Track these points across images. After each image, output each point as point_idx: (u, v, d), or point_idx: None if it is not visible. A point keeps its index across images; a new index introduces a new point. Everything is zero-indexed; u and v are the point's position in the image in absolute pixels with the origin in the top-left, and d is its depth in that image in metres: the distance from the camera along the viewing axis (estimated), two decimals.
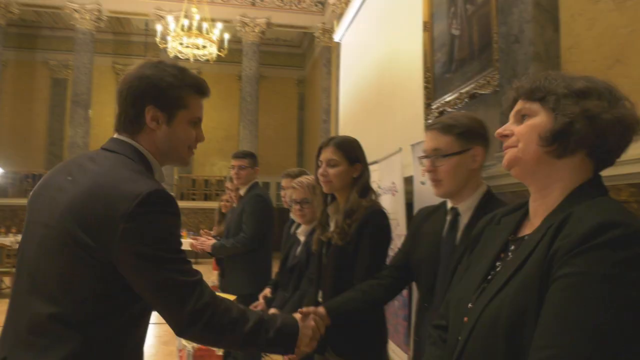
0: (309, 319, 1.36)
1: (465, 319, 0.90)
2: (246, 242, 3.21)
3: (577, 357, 0.70)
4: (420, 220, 1.61)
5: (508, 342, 0.79)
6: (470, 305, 0.92)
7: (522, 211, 0.98)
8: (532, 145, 0.88)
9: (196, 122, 1.21)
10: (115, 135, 1.18)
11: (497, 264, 0.94)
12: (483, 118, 3.69)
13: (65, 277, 1.02)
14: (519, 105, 0.93)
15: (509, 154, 0.92)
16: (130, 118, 1.15)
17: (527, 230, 0.93)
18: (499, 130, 0.95)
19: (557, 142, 0.85)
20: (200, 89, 1.21)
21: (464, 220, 1.42)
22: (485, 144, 1.45)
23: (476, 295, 0.92)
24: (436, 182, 1.43)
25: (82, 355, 1.01)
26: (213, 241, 3.42)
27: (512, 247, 0.93)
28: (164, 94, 1.14)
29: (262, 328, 1.16)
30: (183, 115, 1.17)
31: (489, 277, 0.92)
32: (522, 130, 0.90)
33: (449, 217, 1.46)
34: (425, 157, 1.45)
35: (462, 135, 1.39)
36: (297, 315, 1.32)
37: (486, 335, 0.83)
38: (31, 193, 1.18)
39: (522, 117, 0.92)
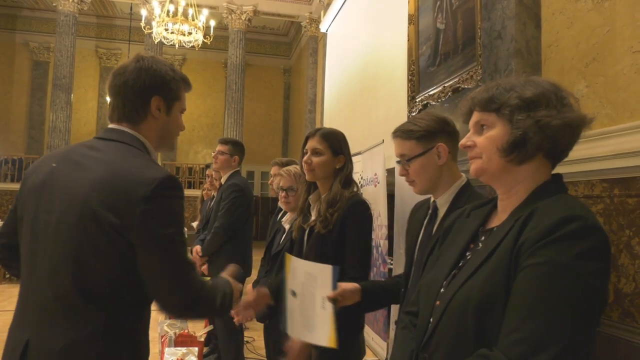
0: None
1: (438, 302, 0.97)
2: (219, 232, 3.27)
3: (542, 339, 0.77)
4: (411, 215, 1.71)
5: (476, 323, 0.86)
6: (442, 290, 0.98)
7: (490, 205, 1.06)
8: (494, 157, 0.96)
9: (182, 112, 1.37)
10: (113, 126, 1.26)
11: (467, 253, 1.01)
12: None
13: (95, 255, 1.09)
14: (477, 116, 1.00)
15: (474, 164, 1.00)
16: (136, 107, 1.23)
17: (496, 222, 1.01)
18: (462, 142, 1.02)
19: (516, 152, 0.94)
20: (188, 83, 1.36)
21: (442, 212, 1.50)
22: (449, 138, 1.52)
23: (448, 280, 0.98)
24: (411, 182, 1.54)
25: (108, 328, 1.10)
26: (199, 247, 3.48)
27: (482, 238, 1.01)
28: (168, 86, 1.26)
29: (222, 299, 1.28)
30: (177, 106, 1.32)
31: (460, 264, 0.99)
32: (482, 142, 0.98)
33: (430, 210, 1.55)
34: (398, 162, 1.57)
35: (422, 138, 1.49)
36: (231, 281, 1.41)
37: (457, 317, 0.90)
38: (27, 187, 1.22)
39: (481, 127, 0.99)
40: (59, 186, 1.15)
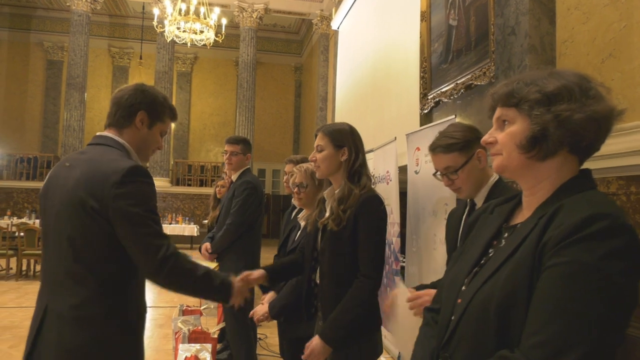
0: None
1: (459, 300, 0.95)
2: (231, 229, 3.26)
3: (565, 342, 0.74)
4: (449, 219, 1.81)
5: (498, 322, 0.84)
6: (463, 287, 0.96)
7: (514, 201, 1.03)
8: (513, 153, 0.93)
9: (162, 135, 1.64)
10: (100, 133, 1.56)
11: (490, 250, 0.98)
12: (478, 109, 3.71)
13: (84, 234, 1.38)
14: (498, 111, 0.97)
15: (496, 161, 0.97)
16: (124, 115, 1.53)
17: (519, 219, 0.97)
18: (484, 138, 1.00)
19: (536, 148, 0.90)
20: (174, 114, 1.67)
21: (479, 205, 1.62)
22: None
23: (469, 278, 0.96)
24: (456, 190, 1.66)
25: (106, 287, 1.39)
26: (208, 245, 3.46)
27: (506, 235, 0.98)
28: (154, 106, 1.56)
29: (210, 277, 1.54)
30: (158, 126, 1.60)
31: (482, 261, 0.97)
32: (503, 139, 0.95)
33: (468, 207, 1.68)
34: (441, 174, 1.68)
35: (463, 148, 1.62)
36: (233, 277, 1.66)
37: (478, 316, 0.88)
38: (41, 192, 1.54)
39: (503, 123, 0.96)
40: (57, 185, 1.46)
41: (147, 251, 1.39)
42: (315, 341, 1.72)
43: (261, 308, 2.25)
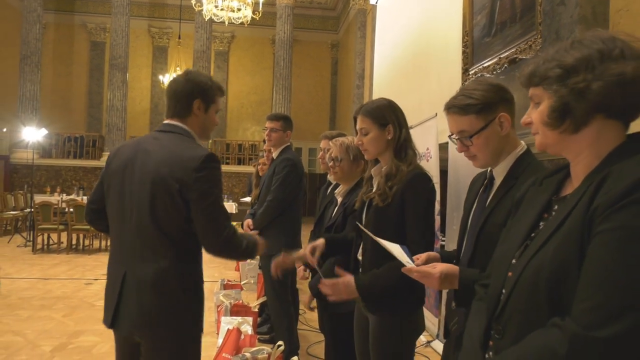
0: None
1: (510, 273, 0.95)
2: (272, 205, 3.28)
3: (616, 308, 0.73)
4: (470, 187, 1.64)
5: (549, 293, 0.83)
6: (514, 261, 0.96)
7: (563, 172, 1.01)
8: (545, 131, 0.94)
9: (217, 112, 1.84)
10: (167, 121, 1.76)
11: (540, 223, 0.97)
12: None
13: (165, 210, 1.60)
14: (530, 91, 0.97)
15: (536, 140, 0.98)
16: (183, 107, 1.74)
17: (569, 190, 0.96)
18: (523, 119, 1.00)
19: (565, 122, 0.89)
20: (222, 91, 1.84)
21: (497, 182, 1.44)
22: (509, 106, 1.44)
23: (519, 251, 0.96)
24: (471, 157, 1.46)
25: (179, 258, 1.63)
26: (250, 221, 3.49)
27: (556, 207, 0.96)
28: (206, 92, 1.75)
29: (247, 245, 1.76)
30: (213, 107, 1.79)
31: (532, 235, 0.96)
32: (535, 118, 0.96)
33: (486, 180, 1.49)
34: (457, 138, 1.46)
35: (482, 110, 1.39)
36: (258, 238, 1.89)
37: (529, 288, 0.87)
38: (112, 168, 1.73)
39: (536, 102, 0.96)
40: (136, 167, 1.67)
41: (216, 229, 1.63)
42: (347, 279, 1.69)
43: (307, 297, 2.34)
